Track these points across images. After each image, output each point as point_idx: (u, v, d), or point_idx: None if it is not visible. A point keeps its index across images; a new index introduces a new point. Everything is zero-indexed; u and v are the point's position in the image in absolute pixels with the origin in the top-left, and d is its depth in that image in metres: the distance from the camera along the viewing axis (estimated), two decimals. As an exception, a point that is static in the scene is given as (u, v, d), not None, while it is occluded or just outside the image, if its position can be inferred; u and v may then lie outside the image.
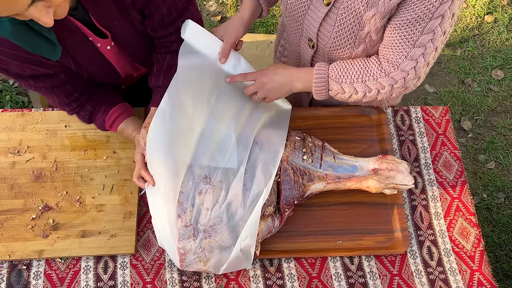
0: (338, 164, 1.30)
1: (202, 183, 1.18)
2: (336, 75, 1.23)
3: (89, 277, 1.25)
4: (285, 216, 1.26)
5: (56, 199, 1.32)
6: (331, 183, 1.27)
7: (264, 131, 1.32)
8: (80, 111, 1.28)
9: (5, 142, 1.39)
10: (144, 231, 1.31)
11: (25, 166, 1.36)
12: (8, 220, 1.29)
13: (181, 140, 1.18)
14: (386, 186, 1.25)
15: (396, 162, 1.29)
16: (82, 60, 1.15)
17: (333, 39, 1.22)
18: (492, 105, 2.63)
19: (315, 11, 1.20)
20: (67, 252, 1.26)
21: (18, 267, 1.26)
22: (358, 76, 1.22)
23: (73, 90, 1.21)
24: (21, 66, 1.03)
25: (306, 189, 1.26)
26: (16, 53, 1.01)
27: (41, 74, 1.10)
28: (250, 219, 1.17)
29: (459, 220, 1.36)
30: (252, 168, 1.24)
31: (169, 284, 1.25)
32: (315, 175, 1.27)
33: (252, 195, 1.20)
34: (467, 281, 1.28)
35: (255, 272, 1.27)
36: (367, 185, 1.25)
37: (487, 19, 2.84)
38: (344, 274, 1.28)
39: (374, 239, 1.31)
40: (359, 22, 1.16)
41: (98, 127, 1.32)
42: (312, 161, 1.29)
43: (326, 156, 1.31)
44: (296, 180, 1.24)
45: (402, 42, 1.13)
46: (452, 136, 1.47)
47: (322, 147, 1.33)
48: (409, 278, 1.28)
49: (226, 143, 1.25)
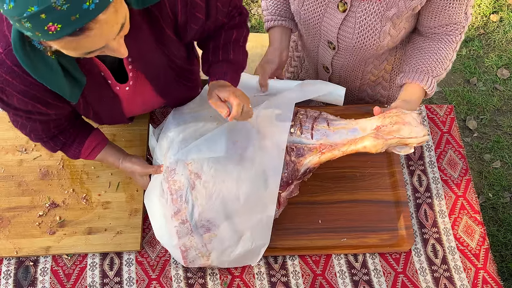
0: (334, 131, 1.16)
1: (194, 178, 1.14)
2: (438, 73, 1.24)
3: (95, 273, 1.26)
4: (281, 199, 1.21)
5: (63, 197, 1.34)
6: (326, 152, 1.14)
7: (263, 114, 1.22)
8: (49, 141, 1.20)
9: (12, 140, 1.41)
10: (150, 228, 1.32)
11: (32, 164, 1.38)
12: (16, 217, 1.31)
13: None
14: (388, 141, 1.07)
15: (401, 113, 1.10)
16: (93, 100, 1.12)
17: (356, 39, 1.24)
18: (497, 104, 2.62)
19: (331, 17, 1.22)
20: (73, 248, 1.27)
21: (25, 263, 1.27)
22: (449, 53, 1.24)
23: (53, 126, 1.15)
24: (23, 101, 0.98)
25: (298, 166, 1.16)
26: (25, 89, 0.96)
27: (39, 111, 1.05)
28: (264, 221, 1.16)
29: (463, 218, 1.36)
30: (249, 157, 1.16)
31: (174, 280, 1.26)
32: (306, 148, 1.15)
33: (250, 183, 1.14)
34: (472, 279, 1.28)
35: (260, 269, 1.28)
36: (363, 145, 1.09)
37: (493, 18, 2.83)
38: (349, 271, 1.28)
39: (378, 237, 1.31)
40: (380, 21, 1.17)
41: (69, 156, 1.25)
42: (302, 133, 1.17)
43: (319, 124, 1.18)
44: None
45: (450, 16, 1.19)
46: (457, 134, 1.47)
47: (316, 117, 1.20)
48: (414, 276, 1.28)
49: (216, 133, 1.19)
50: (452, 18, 1.20)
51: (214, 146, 1.16)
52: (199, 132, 1.20)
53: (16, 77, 0.93)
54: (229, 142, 1.17)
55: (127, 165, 1.26)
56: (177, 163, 1.15)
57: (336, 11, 1.20)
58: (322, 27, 1.26)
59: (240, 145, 1.17)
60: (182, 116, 1.26)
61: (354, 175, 1.39)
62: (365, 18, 1.18)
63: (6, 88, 0.95)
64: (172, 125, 1.24)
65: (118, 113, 1.22)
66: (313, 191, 1.36)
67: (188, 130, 1.20)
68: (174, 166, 1.15)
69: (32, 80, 0.94)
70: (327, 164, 1.38)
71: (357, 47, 1.26)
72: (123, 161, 1.26)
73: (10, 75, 0.93)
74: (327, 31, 1.27)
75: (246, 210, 1.15)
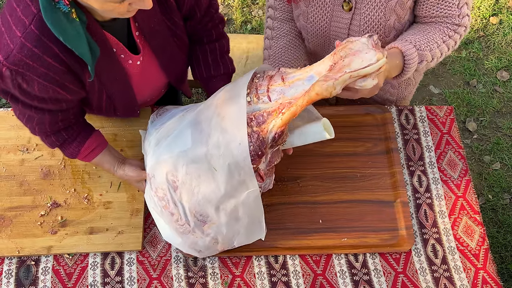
0: (289, 85, 1.04)
1: (172, 180, 1.12)
2: (423, 48, 1.21)
3: (96, 273, 1.27)
4: (261, 172, 1.15)
5: (65, 196, 1.34)
6: (285, 112, 1.02)
7: (221, 96, 1.14)
8: (51, 136, 1.20)
9: (14, 140, 1.41)
10: (151, 228, 1.32)
11: (34, 163, 1.38)
12: (18, 217, 1.31)
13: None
14: (339, 80, 0.94)
15: (349, 43, 0.98)
16: (106, 79, 1.14)
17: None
18: (497, 106, 2.63)
19: (339, 20, 1.24)
20: (75, 248, 1.28)
21: (27, 262, 1.28)
22: (438, 39, 1.24)
23: (60, 119, 1.16)
24: (44, 86, 1.00)
25: (263, 134, 1.05)
26: (45, 72, 0.98)
27: (55, 98, 1.07)
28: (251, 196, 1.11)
29: (463, 219, 1.36)
30: (215, 143, 1.09)
31: (175, 280, 1.26)
32: (265, 113, 1.05)
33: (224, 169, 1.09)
34: (471, 279, 1.29)
35: (260, 269, 1.28)
36: (315, 92, 0.96)
37: (492, 20, 2.84)
38: (349, 271, 1.29)
39: (378, 237, 1.32)
40: (384, 14, 1.20)
41: (66, 154, 1.25)
42: (259, 99, 1.06)
43: (274, 83, 1.06)
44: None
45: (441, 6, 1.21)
46: (457, 135, 1.48)
47: (271, 76, 1.09)
48: (414, 276, 1.29)
49: (183, 127, 1.16)
50: (444, 9, 1.21)
51: (181, 141, 1.13)
52: (169, 130, 1.18)
53: (37, 59, 0.95)
54: (195, 133, 1.11)
55: (121, 173, 1.27)
56: (154, 168, 1.14)
57: (342, 13, 1.22)
58: (332, 32, 1.29)
59: (205, 133, 1.11)
60: (159, 117, 1.27)
61: (355, 176, 1.39)
62: (370, 13, 1.20)
63: (27, 74, 0.96)
64: (150, 128, 1.25)
65: (129, 96, 1.24)
66: (314, 191, 1.37)
67: (161, 132, 1.19)
68: (152, 171, 1.15)
69: (52, 61, 0.97)
70: (328, 164, 1.40)
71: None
72: (117, 169, 1.28)
73: (30, 58, 0.95)
74: (336, 35, 1.29)
75: (229, 195, 1.11)
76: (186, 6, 1.18)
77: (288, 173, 1.37)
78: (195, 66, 1.35)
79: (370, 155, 1.42)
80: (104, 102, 1.21)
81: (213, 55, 1.32)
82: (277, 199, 1.35)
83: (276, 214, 1.33)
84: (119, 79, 1.16)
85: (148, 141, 1.22)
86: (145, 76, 1.23)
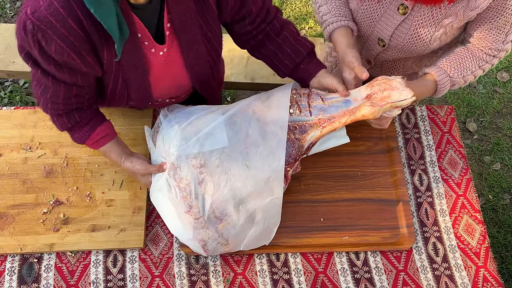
0: (328, 105, 1.23)
1: (199, 172, 1.15)
2: (456, 76, 1.29)
3: (98, 270, 1.27)
4: (288, 176, 1.25)
5: (67, 194, 1.35)
6: (326, 126, 1.21)
7: (259, 105, 1.27)
8: (63, 116, 1.20)
9: (17, 138, 1.42)
10: (153, 225, 1.33)
11: (36, 162, 1.39)
12: (20, 214, 1.32)
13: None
14: (382, 107, 1.16)
15: (387, 80, 1.20)
16: (125, 62, 1.14)
17: (407, 40, 1.29)
18: (497, 107, 2.64)
19: (390, 18, 1.27)
20: (77, 245, 1.28)
21: (30, 260, 1.28)
22: (474, 65, 1.29)
23: (74, 96, 1.15)
24: (60, 48, 1.00)
25: (302, 142, 1.23)
26: (65, 34, 0.98)
27: (70, 66, 1.07)
28: (274, 201, 1.19)
29: (464, 217, 1.37)
30: (253, 142, 1.19)
31: (177, 277, 1.27)
32: (307, 124, 1.23)
33: (256, 168, 1.18)
34: (472, 277, 1.29)
35: (262, 267, 1.29)
36: (362, 113, 1.17)
37: (492, 21, 2.86)
38: (350, 269, 1.29)
39: (380, 235, 1.32)
40: (435, 26, 1.23)
41: (75, 138, 1.25)
42: (301, 112, 1.24)
43: (314, 101, 1.24)
44: (287, 137, 1.21)
45: (497, 34, 1.23)
46: (457, 134, 1.49)
47: (308, 94, 1.26)
48: (415, 274, 1.29)
49: (215, 126, 1.20)
50: (491, 34, 1.24)
51: (215, 138, 1.17)
52: (197, 127, 1.20)
53: (60, 20, 0.96)
54: (230, 132, 1.19)
55: (128, 165, 1.27)
56: (181, 160, 1.16)
57: (395, 13, 1.25)
58: (377, 26, 1.31)
59: (242, 133, 1.20)
60: (173, 113, 1.28)
61: (356, 174, 1.40)
62: (421, 23, 1.23)
63: (47, 31, 0.97)
64: (169, 123, 1.25)
65: (145, 85, 1.23)
66: (315, 190, 1.37)
67: (186, 128, 1.21)
68: (178, 163, 1.16)
69: (74, 25, 0.97)
70: (329, 163, 1.41)
71: (406, 47, 1.32)
72: (125, 161, 1.28)
73: (55, 17, 0.96)
74: (382, 29, 1.31)
75: (255, 195, 1.17)
76: (231, 6, 1.18)
77: (290, 171, 1.38)
78: (278, 64, 1.33)
79: (371, 154, 1.42)
80: (119, 86, 1.20)
81: (288, 43, 1.30)
82: (279, 197, 1.36)
83: (278, 212, 1.34)
84: (138, 65, 1.16)
85: (164, 134, 1.22)
86: (166, 69, 1.22)
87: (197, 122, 1.21)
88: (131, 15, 1.04)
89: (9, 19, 2.87)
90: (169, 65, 1.21)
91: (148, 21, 1.10)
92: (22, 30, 0.98)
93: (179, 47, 1.18)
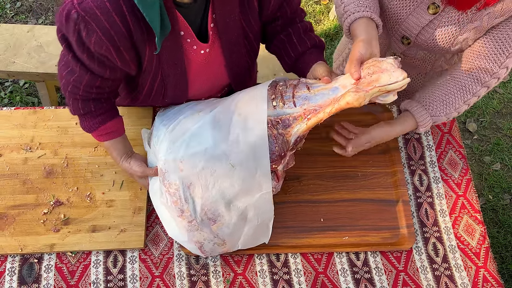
0: (314, 93, 1.12)
1: (187, 175, 1.13)
2: (438, 114, 1.29)
3: (99, 270, 1.27)
4: (279, 173, 1.21)
5: (67, 195, 1.35)
6: (311, 117, 1.11)
7: (240, 98, 1.21)
8: (79, 101, 1.20)
9: (17, 138, 1.42)
10: (153, 226, 1.33)
11: (37, 162, 1.39)
12: (21, 215, 1.32)
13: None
14: (369, 92, 1.04)
15: (377, 62, 1.07)
16: (165, 60, 1.14)
17: (432, 40, 1.28)
18: (497, 107, 2.64)
19: (418, 17, 1.26)
20: (77, 246, 1.29)
21: (30, 260, 1.28)
22: (458, 101, 1.29)
23: (96, 86, 1.16)
24: (100, 41, 1.00)
25: (287, 137, 1.14)
26: (107, 27, 0.98)
27: (103, 59, 1.07)
28: (263, 197, 1.16)
29: (464, 217, 1.37)
30: (235, 140, 1.14)
31: (177, 278, 1.27)
32: (291, 118, 1.13)
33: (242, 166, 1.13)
34: (472, 278, 1.29)
35: (262, 267, 1.29)
36: (346, 101, 1.05)
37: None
38: (350, 269, 1.29)
39: (380, 235, 1.32)
40: (460, 29, 1.22)
41: (84, 126, 1.25)
42: (284, 104, 1.14)
43: (299, 91, 1.14)
44: (269, 134, 1.13)
45: (498, 54, 1.21)
46: (457, 134, 1.49)
47: (295, 85, 1.16)
48: (415, 274, 1.29)
49: (200, 126, 1.18)
50: (492, 51, 1.22)
51: (200, 139, 1.15)
52: (185, 127, 1.19)
53: (105, 13, 0.97)
54: (214, 131, 1.15)
55: (126, 165, 1.28)
56: (168, 164, 1.15)
57: (425, 12, 1.24)
58: (404, 23, 1.30)
59: (224, 131, 1.15)
60: (166, 115, 1.27)
61: (356, 175, 1.40)
62: (448, 25, 1.23)
63: (91, 23, 0.98)
64: (159, 126, 1.25)
65: (182, 85, 1.23)
66: (315, 190, 1.37)
67: (174, 129, 1.20)
68: (166, 168, 1.15)
69: (117, 21, 0.98)
70: (329, 163, 1.41)
71: (429, 46, 1.32)
72: (124, 161, 1.29)
73: (100, 10, 0.97)
74: (408, 27, 1.30)
75: (243, 192, 1.15)
76: (273, 6, 1.19)
77: (290, 172, 1.38)
78: (284, 54, 1.31)
79: (371, 154, 1.42)
80: (157, 84, 1.20)
81: (297, 33, 1.29)
82: (279, 198, 1.36)
83: (278, 212, 1.34)
84: (177, 63, 1.16)
85: (156, 137, 1.22)
86: (205, 68, 1.22)
87: (185, 122, 1.20)
88: (175, 12, 1.05)
89: (9, 19, 2.87)
90: (209, 65, 1.21)
91: (192, 20, 1.10)
92: (64, 17, 0.99)
93: (221, 47, 1.18)
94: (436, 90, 1.31)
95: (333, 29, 2.90)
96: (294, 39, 1.29)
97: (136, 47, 1.06)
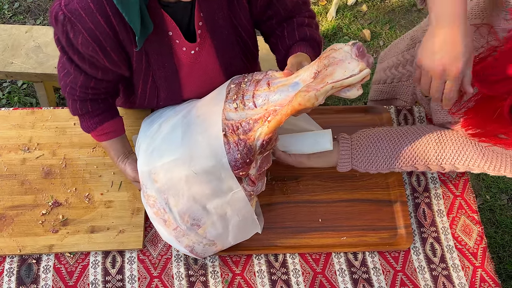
0: (274, 91, 0.99)
1: (161, 186, 1.11)
2: (359, 166, 1.27)
3: (97, 271, 1.28)
4: (252, 177, 1.12)
5: (66, 195, 1.35)
6: (272, 120, 0.98)
7: (205, 99, 1.17)
8: (77, 102, 1.21)
9: (15, 139, 1.42)
10: (152, 227, 1.33)
11: (35, 162, 1.39)
12: (19, 216, 1.32)
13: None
14: (321, 91, 0.89)
15: (333, 51, 0.91)
16: (155, 61, 1.13)
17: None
18: (494, 108, 2.65)
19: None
20: (76, 247, 1.29)
21: (28, 261, 1.28)
22: (386, 167, 1.26)
23: (91, 87, 1.16)
24: (86, 42, 1.01)
25: (249, 142, 1.02)
26: (92, 28, 0.99)
27: (92, 60, 1.07)
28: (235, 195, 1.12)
29: (461, 218, 1.37)
30: (199, 145, 1.08)
31: (176, 278, 1.27)
32: (251, 121, 1.01)
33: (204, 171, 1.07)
34: (469, 278, 1.30)
35: (260, 267, 1.29)
36: (298, 102, 0.91)
37: (490, 22, 2.87)
38: (348, 269, 1.30)
39: (378, 236, 1.33)
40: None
41: (83, 126, 1.26)
42: (245, 105, 1.02)
43: (260, 88, 1.02)
44: (226, 141, 1.03)
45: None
46: (455, 135, 1.49)
47: (259, 80, 1.04)
48: (412, 274, 1.30)
49: (169, 132, 1.16)
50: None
51: (170, 144, 1.13)
52: (159, 133, 1.17)
53: (89, 14, 0.98)
54: (185, 136, 1.11)
55: (122, 167, 1.29)
56: (144, 176, 1.14)
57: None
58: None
59: (188, 136, 1.11)
60: (151, 118, 1.27)
61: (354, 175, 1.40)
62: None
63: (76, 24, 0.99)
64: (140, 132, 1.25)
65: (175, 86, 1.21)
66: (314, 190, 1.38)
67: (151, 135, 1.19)
68: (143, 180, 1.14)
69: (101, 21, 0.99)
70: (327, 164, 1.41)
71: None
72: (120, 162, 1.29)
73: (84, 11, 0.98)
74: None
75: (214, 195, 1.11)
76: (261, 4, 1.15)
77: (288, 172, 1.38)
78: (275, 48, 1.26)
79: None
80: (149, 86, 1.20)
81: (290, 28, 1.22)
82: (277, 198, 1.36)
83: (276, 213, 1.34)
84: (167, 64, 1.15)
85: (138, 144, 1.22)
86: (198, 69, 1.20)
87: (164, 125, 1.19)
88: (162, 13, 1.04)
89: (7, 20, 2.87)
90: (201, 65, 1.20)
91: (179, 20, 1.10)
92: (54, 19, 1.00)
93: (213, 46, 1.17)
94: (374, 145, 1.27)
95: (331, 29, 2.90)
96: (285, 33, 1.23)
97: (123, 47, 1.07)
